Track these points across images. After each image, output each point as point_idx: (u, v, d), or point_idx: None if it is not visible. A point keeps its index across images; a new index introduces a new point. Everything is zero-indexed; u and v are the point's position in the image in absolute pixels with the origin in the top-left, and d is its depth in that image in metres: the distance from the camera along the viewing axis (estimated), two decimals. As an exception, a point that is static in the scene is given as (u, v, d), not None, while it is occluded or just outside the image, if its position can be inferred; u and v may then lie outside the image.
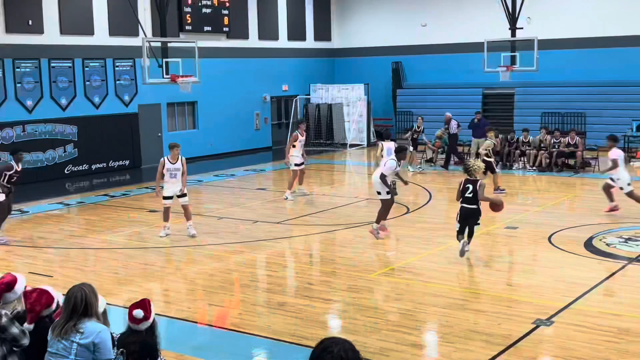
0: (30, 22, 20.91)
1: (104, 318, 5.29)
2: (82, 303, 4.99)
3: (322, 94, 29.83)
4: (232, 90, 27.09)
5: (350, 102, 29.15)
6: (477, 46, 25.80)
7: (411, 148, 21.38)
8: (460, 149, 23.34)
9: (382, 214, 13.55)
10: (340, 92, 29.52)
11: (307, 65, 30.56)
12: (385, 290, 10.44)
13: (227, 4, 26.49)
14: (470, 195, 11.56)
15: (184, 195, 13.82)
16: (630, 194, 14.91)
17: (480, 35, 25.75)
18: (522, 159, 22.24)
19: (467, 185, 11.63)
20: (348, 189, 20.07)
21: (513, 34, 24.76)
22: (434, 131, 24.24)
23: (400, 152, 13.87)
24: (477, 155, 18.83)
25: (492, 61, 24.37)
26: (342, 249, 13.00)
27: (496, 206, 12.04)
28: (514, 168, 21.86)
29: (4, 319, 5.24)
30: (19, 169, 13.81)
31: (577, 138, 21.44)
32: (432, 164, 23.05)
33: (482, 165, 12.49)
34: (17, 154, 14.08)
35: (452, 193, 16.21)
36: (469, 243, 11.67)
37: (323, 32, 31.61)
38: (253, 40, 28.12)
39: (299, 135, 17.86)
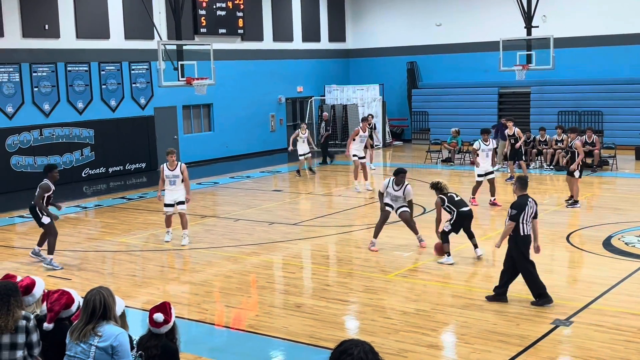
0: (46, 27, 21.05)
1: (122, 321, 5.31)
2: (100, 306, 5.01)
3: (337, 94, 29.80)
4: (248, 92, 27.14)
5: (366, 102, 29.10)
6: (493, 45, 25.71)
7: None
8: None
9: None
10: (355, 92, 29.49)
11: (321, 66, 30.56)
12: (402, 291, 10.41)
13: (242, 6, 26.54)
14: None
15: (182, 202, 13.51)
16: None
17: (495, 34, 25.68)
18: (539, 157, 22.12)
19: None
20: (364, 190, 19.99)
21: (529, 33, 24.67)
22: (448, 130, 24.15)
23: (397, 175, 12.46)
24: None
25: (507, 60, 24.30)
26: (358, 250, 12.97)
27: None
28: (530, 167, 21.72)
29: (32, 323, 5.32)
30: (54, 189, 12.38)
31: (594, 136, 21.29)
32: (452, 164, 22.96)
33: None
34: (52, 172, 12.32)
35: (467, 192, 16.18)
36: None
37: (337, 32, 31.59)
38: (268, 42, 28.16)
39: (360, 130, 18.70)
